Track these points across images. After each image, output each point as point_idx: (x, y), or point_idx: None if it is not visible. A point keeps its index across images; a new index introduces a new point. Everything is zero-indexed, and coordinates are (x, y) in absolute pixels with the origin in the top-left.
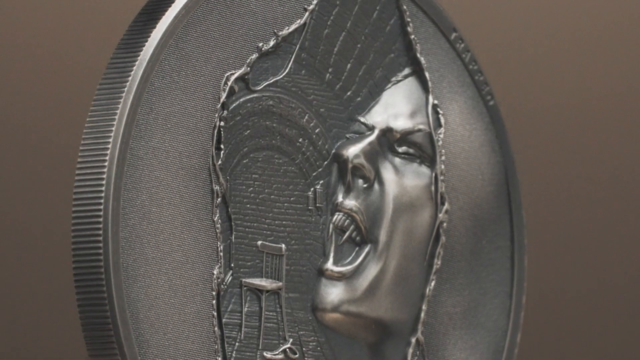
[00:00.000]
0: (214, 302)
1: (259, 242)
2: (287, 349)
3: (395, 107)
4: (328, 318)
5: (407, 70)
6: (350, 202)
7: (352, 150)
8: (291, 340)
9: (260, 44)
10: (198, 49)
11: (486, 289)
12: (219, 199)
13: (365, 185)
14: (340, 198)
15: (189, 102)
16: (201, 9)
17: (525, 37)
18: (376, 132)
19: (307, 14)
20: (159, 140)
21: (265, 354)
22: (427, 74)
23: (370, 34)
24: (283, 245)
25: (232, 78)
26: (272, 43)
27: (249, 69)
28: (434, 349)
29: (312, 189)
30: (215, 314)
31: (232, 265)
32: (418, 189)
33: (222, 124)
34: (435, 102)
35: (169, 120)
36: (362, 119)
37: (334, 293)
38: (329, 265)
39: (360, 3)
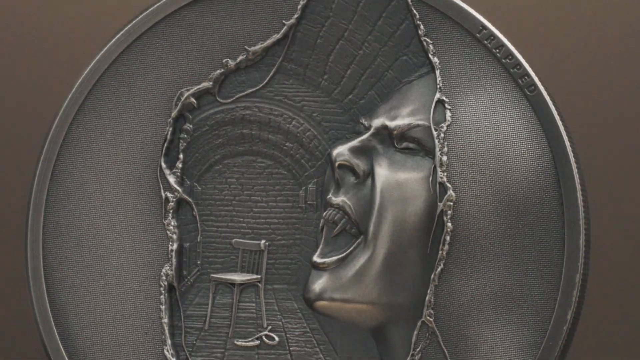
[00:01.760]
0: (162, 297)
1: (234, 240)
2: (264, 336)
3: (400, 106)
4: (316, 306)
5: (422, 70)
6: (339, 198)
7: (338, 149)
8: (270, 327)
9: (225, 60)
10: (146, 71)
11: (528, 269)
12: (170, 204)
13: (355, 181)
14: (330, 194)
15: (134, 119)
16: (150, 34)
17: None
18: (371, 130)
19: (284, 28)
20: (92, 155)
21: (237, 341)
22: (437, 72)
23: (374, 39)
24: (262, 242)
25: (187, 94)
26: (240, 58)
27: (211, 83)
28: (451, 330)
29: (303, 187)
30: (163, 307)
31: (199, 262)
32: (413, 180)
33: (183, 135)
34: (443, 98)
35: (104, 137)
36: (362, 120)
37: (319, 282)
38: (315, 257)
39: (361, 12)
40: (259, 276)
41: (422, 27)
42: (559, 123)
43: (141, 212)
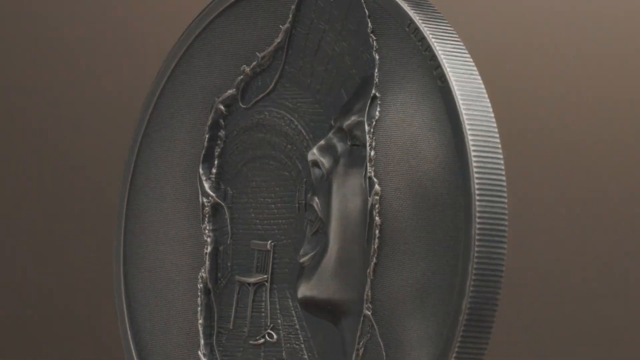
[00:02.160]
0: (198, 299)
1: (251, 242)
2: (266, 334)
3: (354, 103)
4: (301, 303)
5: (374, 67)
6: (313, 197)
7: (311, 149)
8: (272, 325)
9: (242, 67)
10: (191, 82)
11: (441, 261)
12: (206, 209)
13: (324, 179)
14: (310, 193)
15: (182, 128)
16: (195, 45)
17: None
18: (333, 129)
19: (281, 32)
20: (155, 166)
21: (250, 341)
22: (375, 69)
23: (342, 38)
24: (269, 242)
25: (217, 101)
26: (253, 64)
27: (234, 90)
28: (385, 323)
29: (298, 187)
30: (199, 309)
31: (229, 264)
32: (353, 176)
33: (218, 142)
34: (376, 93)
35: (162, 147)
36: (331, 119)
37: (300, 280)
38: (298, 255)
39: (332, 12)
40: (266, 276)
41: (369, 24)
42: (461, 111)
43: (187, 218)
